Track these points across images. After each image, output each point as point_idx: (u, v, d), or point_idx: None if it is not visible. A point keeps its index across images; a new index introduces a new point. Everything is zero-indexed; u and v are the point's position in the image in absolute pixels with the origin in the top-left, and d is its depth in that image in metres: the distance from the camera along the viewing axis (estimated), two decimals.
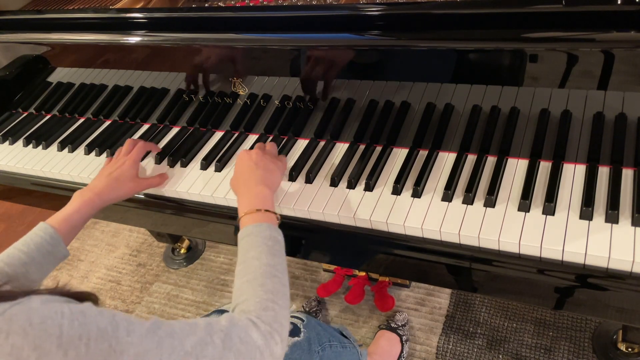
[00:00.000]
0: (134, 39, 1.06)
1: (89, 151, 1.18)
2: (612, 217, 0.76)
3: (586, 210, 0.78)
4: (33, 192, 1.24)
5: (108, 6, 1.16)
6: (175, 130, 1.19)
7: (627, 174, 0.82)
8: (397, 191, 0.90)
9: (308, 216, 0.92)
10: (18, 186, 1.25)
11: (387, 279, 1.59)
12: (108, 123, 1.26)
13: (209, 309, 1.71)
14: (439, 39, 0.83)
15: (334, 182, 0.94)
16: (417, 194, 0.88)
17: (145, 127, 1.22)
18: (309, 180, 0.97)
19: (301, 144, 1.06)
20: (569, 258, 0.75)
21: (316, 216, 0.91)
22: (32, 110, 1.36)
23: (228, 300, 1.75)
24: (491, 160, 0.91)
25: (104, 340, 0.50)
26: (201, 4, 1.09)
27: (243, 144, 1.10)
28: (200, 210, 1.03)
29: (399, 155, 0.97)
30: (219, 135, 1.14)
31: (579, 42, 0.75)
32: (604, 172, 0.84)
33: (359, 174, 0.95)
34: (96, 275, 1.95)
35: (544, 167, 0.88)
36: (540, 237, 0.77)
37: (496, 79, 0.85)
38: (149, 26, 1.06)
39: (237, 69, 1.03)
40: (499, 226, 0.80)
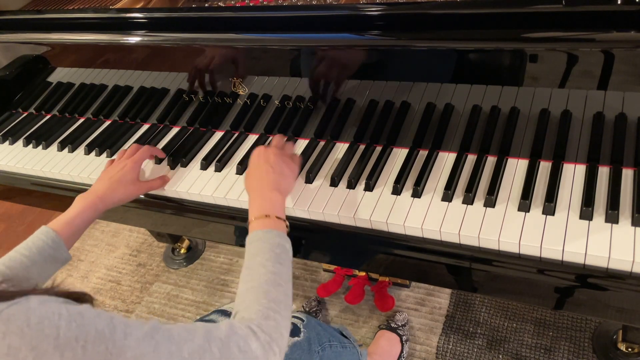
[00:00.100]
0: (134, 39, 1.06)
1: (89, 151, 1.18)
2: (612, 217, 0.76)
3: (586, 210, 0.78)
4: (33, 192, 1.24)
5: (108, 6, 1.16)
6: (175, 130, 1.19)
7: (627, 174, 0.82)
8: (397, 191, 0.90)
9: (308, 216, 0.92)
10: (18, 186, 1.25)
11: (387, 279, 1.59)
12: (108, 123, 1.26)
13: (209, 309, 1.71)
14: (439, 39, 0.83)
15: (334, 182, 0.94)
16: (417, 194, 0.88)
17: (145, 127, 1.22)
18: (309, 180, 0.97)
19: (301, 144, 1.06)
20: (569, 258, 0.75)
21: (316, 216, 0.91)
22: (32, 110, 1.36)
23: (228, 300, 1.75)
24: (491, 160, 0.91)
25: (101, 342, 0.49)
26: (201, 4, 1.09)
27: (243, 144, 1.10)
28: (200, 210, 1.03)
29: (399, 155, 0.97)
30: (219, 135, 1.14)
31: (579, 42, 0.75)
32: (604, 172, 0.84)
33: (359, 174, 0.95)
34: (96, 275, 1.95)
35: (544, 167, 0.88)
36: (540, 237, 0.77)
37: (496, 79, 0.85)
38: (149, 26, 1.06)
39: (237, 69, 1.03)
40: (499, 226, 0.80)
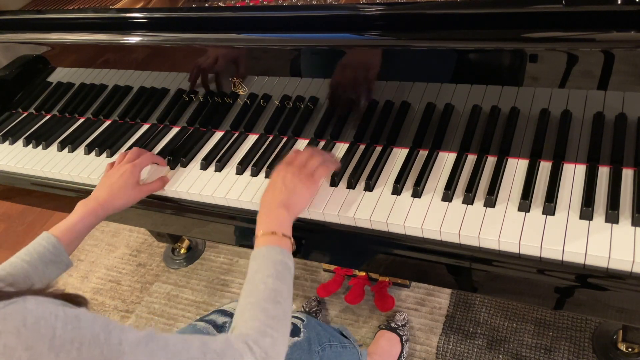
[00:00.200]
0: (134, 39, 1.06)
1: (89, 151, 1.18)
2: (612, 217, 0.76)
3: (586, 210, 0.78)
4: (33, 192, 1.24)
5: (108, 6, 1.15)
6: (175, 130, 1.19)
7: (627, 174, 0.82)
8: (397, 191, 0.90)
9: (308, 216, 0.92)
10: (18, 186, 1.25)
11: (387, 279, 1.59)
12: (108, 123, 1.26)
13: (209, 309, 1.71)
14: (439, 39, 0.83)
15: (334, 182, 0.94)
16: (417, 194, 0.88)
17: (145, 127, 1.22)
18: None
19: (301, 144, 1.06)
20: (569, 258, 0.75)
21: (316, 216, 0.91)
22: (32, 110, 1.36)
23: (228, 300, 1.75)
24: (491, 160, 0.91)
25: (96, 346, 0.49)
26: (201, 4, 1.09)
27: (243, 144, 1.10)
28: (200, 210, 1.03)
29: (399, 155, 0.97)
30: (219, 135, 1.14)
31: (579, 42, 0.75)
32: (604, 172, 0.84)
33: (359, 174, 0.95)
34: (96, 275, 1.95)
35: (544, 167, 0.87)
36: (540, 237, 0.76)
37: (496, 79, 0.85)
38: (149, 26, 1.06)
39: (237, 68, 1.03)
40: (499, 226, 0.80)
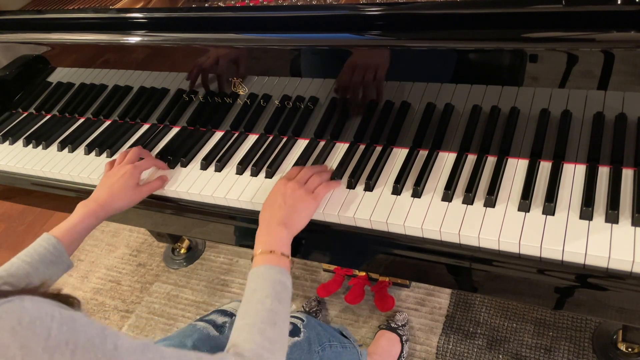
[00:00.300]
0: (134, 39, 1.06)
1: (89, 151, 1.18)
2: (612, 217, 0.76)
3: (586, 210, 0.78)
4: (33, 192, 1.24)
5: (108, 6, 1.15)
6: (175, 130, 1.19)
7: (627, 174, 0.82)
8: (397, 191, 0.90)
9: None
10: (18, 186, 1.25)
11: (387, 279, 1.59)
12: (108, 123, 1.26)
13: (209, 309, 1.71)
14: (439, 39, 0.83)
15: None
16: (417, 194, 0.88)
17: (145, 127, 1.22)
18: None
19: (301, 144, 1.06)
20: (569, 258, 0.75)
21: (316, 216, 0.91)
22: (32, 110, 1.36)
23: (228, 300, 1.74)
24: (491, 160, 0.91)
25: (90, 349, 0.49)
26: (201, 4, 1.09)
27: (243, 144, 1.10)
28: (200, 210, 1.03)
29: (399, 155, 0.97)
30: (219, 135, 1.14)
31: (579, 42, 0.75)
32: (604, 172, 0.84)
33: (359, 174, 0.95)
34: (96, 275, 1.95)
35: (544, 167, 0.87)
36: (540, 237, 0.76)
37: (496, 79, 0.85)
38: (149, 26, 1.06)
39: (237, 68, 1.03)
40: (499, 226, 0.80)
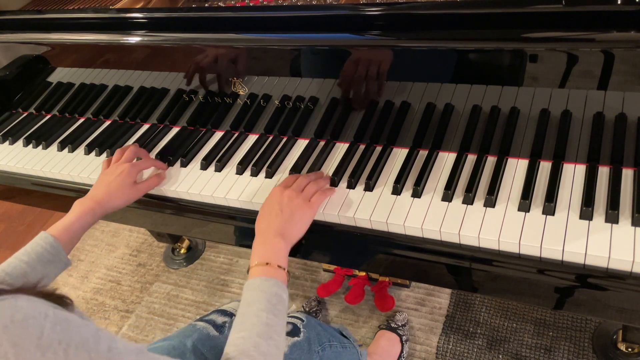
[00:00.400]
0: (134, 39, 1.06)
1: (89, 151, 1.18)
2: (612, 217, 0.76)
3: (586, 210, 0.78)
4: (33, 192, 1.24)
5: (108, 6, 1.15)
6: (175, 130, 1.19)
7: (627, 174, 0.82)
8: (397, 191, 0.90)
9: None
10: (18, 186, 1.25)
11: (387, 279, 1.59)
12: (108, 123, 1.26)
13: (209, 309, 1.71)
14: (439, 39, 0.83)
15: (334, 182, 0.94)
16: (417, 194, 0.88)
17: (145, 127, 1.22)
18: None
19: (301, 144, 1.06)
20: (569, 258, 0.75)
21: (316, 216, 0.91)
22: (32, 110, 1.36)
23: (228, 300, 1.74)
24: (491, 160, 0.91)
25: (83, 349, 0.49)
26: (201, 4, 1.09)
27: (243, 144, 1.10)
28: (200, 210, 1.03)
29: (399, 155, 0.97)
30: (219, 135, 1.14)
31: (579, 42, 0.75)
32: (604, 172, 0.84)
33: (359, 174, 0.95)
34: (96, 275, 1.95)
35: (544, 167, 0.87)
36: (540, 237, 0.76)
37: (496, 79, 0.85)
38: (149, 26, 1.06)
39: (237, 69, 1.03)
40: (499, 226, 0.80)
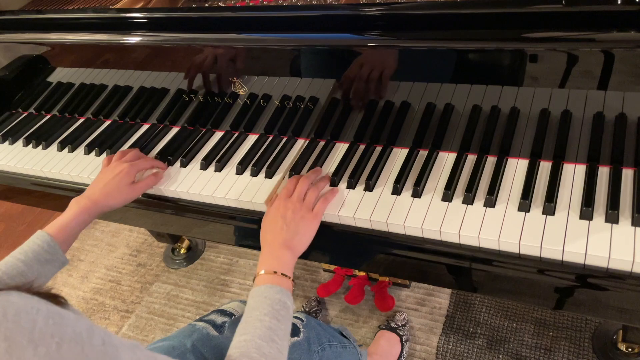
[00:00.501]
0: (134, 39, 1.06)
1: (89, 151, 1.18)
2: (612, 217, 0.76)
3: (586, 210, 0.78)
4: (33, 192, 1.24)
5: (108, 6, 1.15)
6: (175, 130, 1.19)
7: (627, 174, 0.82)
8: (397, 191, 0.90)
9: None
10: (18, 186, 1.25)
11: (387, 279, 1.59)
12: (108, 123, 1.26)
13: (209, 309, 1.71)
14: (439, 39, 0.83)
15: (334, 183, 0.94)
16: (417, 194, 0.88)
17: (145, 127, 1.22)
18: None
19: (301, 144, 1.06)
20: (569, 258, 0.75)
21: None
22: (32, 110, 1.36)
23: (228, 300, 1.74)
24: (491, 160, 0.91)
25: (77, 343, 0.49)
26: (201, 4, 1.09)
27: (243, 144, 1.10)
28: (200, 210, 1.03)
29: (399, 155, 0.97)
30: (219, 135, 1.14)
31: (579, 42, 0.75)
32: (604, 172, 0.84)
33: (359, 174, 0.95)
34: (96, 275, 1.95)
35: (544, 167, 0.87)
36: (540, 237, 0.76)
37: (496, 79, 0.85)
38: (149, 26, 1.06)
39: (237, 69, 1.03)
40: (499, 226, 0.80)
